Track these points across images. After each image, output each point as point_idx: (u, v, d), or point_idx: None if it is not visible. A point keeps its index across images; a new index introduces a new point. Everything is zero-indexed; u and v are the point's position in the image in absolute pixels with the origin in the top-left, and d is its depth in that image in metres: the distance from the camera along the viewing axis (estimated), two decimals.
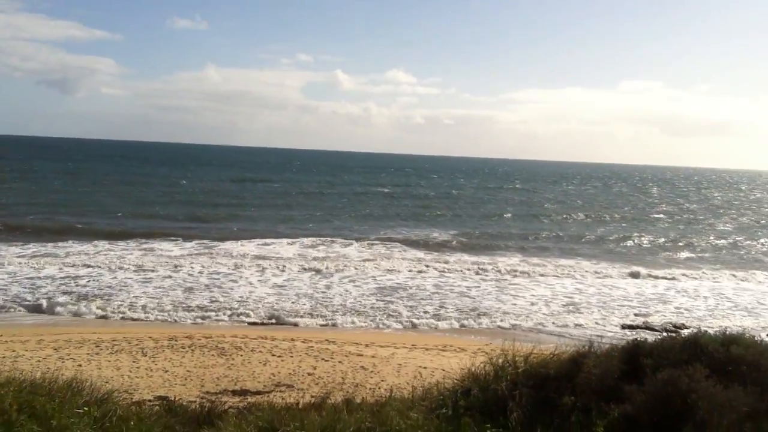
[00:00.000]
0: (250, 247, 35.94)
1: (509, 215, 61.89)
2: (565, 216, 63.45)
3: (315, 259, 32.95)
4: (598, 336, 20.05)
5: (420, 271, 30.88)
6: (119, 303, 22.85)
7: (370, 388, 13.95)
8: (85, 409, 6.69)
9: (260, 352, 17.05)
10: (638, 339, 7.05)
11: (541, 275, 31.62)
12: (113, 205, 53.42)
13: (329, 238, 40.38)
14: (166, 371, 15.10)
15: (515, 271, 32.03)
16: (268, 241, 38.74)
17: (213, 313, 22.14)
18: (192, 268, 29.06)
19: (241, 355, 16.62)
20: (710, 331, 6.85)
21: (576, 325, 22.86)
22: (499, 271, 31.55)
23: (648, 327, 22.33)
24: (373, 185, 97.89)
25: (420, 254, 36.35)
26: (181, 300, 23.61)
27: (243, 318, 21.89)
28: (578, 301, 26.34)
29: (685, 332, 7.91)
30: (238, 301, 23.69)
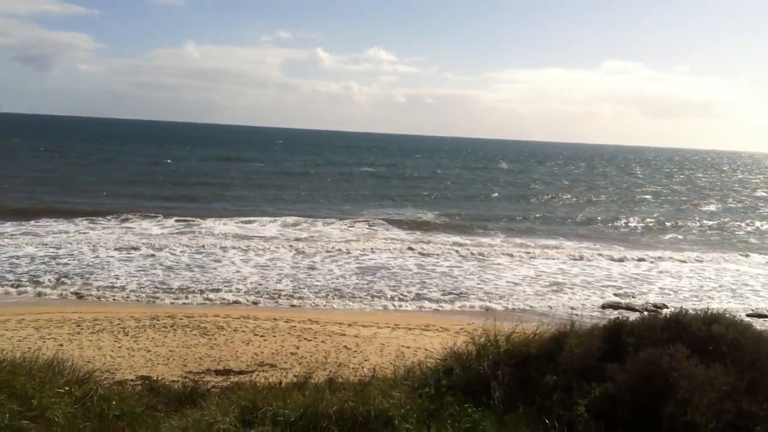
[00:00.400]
0: (231, 226, 35.76)
1: (496, 195, 62.02)
2: (551, 196, 63.59)
3: (298, 239, 32.85)
4: (579, 315, 20.18)
5: (402, 251, 30.86)
6: (100, 283, 22.69)
7: (353, 368, 13.98)
8: (66, 388, 6.65)
9: (243, 331, 17.03)
10: (620, 318, 7.08)
11: (528, 255, 31.74)
12: (95, 184, 53.01)
13: (315, 218, 40.27)
14: (148, 351, 15.05)
15: (499, 251, 32.11)
16: (252, 219, 38.64)
17: (193, 295, 21.98)
18: (174, 248, 28.87)
19: (224, 335, 16.60)
20: (691, 310, 6.88)
21: (559, 305, 22.96)
22: (482, 254, 31.53)
23: (629, 307, 22.49)
24: (357, 165, 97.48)
25: (404, 234, 36.31)
26: (161, 280, 23.48)
27: (224, 297, 21.80)
28: (561, 281, 26.45)
29: (666, 312, 7.95)
30: (222, 282, 23.58)
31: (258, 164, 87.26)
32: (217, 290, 22.41)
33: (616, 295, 24.66)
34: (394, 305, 22.03)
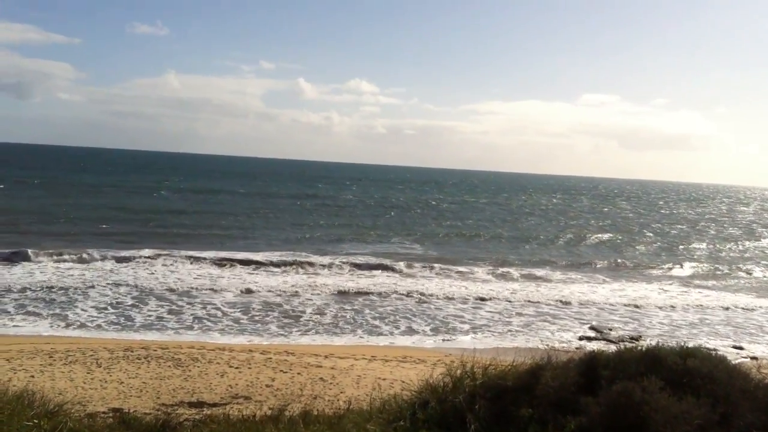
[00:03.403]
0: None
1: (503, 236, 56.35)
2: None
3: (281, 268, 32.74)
4: (555, 349, 20.22)
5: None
6: (75, 315, 22.45)
7: (328, 400, 13.87)
8: (35, 421, 6.52)
9: (217, 363, 16.85)
10: (595, 351, 7.10)
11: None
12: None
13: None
14: (121, 383, 14.84)
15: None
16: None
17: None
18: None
19: (198, 367, 16.41)
20: (667, 344, 6.93)
21: (538, 337, 23.02)
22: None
23: (605, 339, 22.58)
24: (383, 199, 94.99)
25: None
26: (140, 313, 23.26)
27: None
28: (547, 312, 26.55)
29: (641, 345, 8.00)
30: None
31: (283, 200, 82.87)
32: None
33: (589, 328, 24.75)
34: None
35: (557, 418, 5.75)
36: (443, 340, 22.11)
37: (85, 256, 32.33)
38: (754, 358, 19.98)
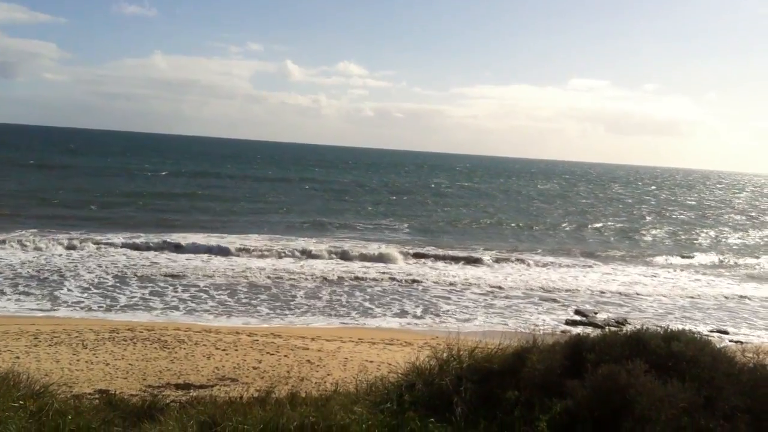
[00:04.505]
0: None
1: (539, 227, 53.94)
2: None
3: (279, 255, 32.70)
4: (541, 332, 20.28)
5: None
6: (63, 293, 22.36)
7: (315, 382, 13.88)
8: (21, 402, 6.50)
9: (204, 345, 16.84)
10: (581, 334, 7.13)
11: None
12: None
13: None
14: (107, 364, 14.81)
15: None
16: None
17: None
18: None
19: (185, 349, 16.39)
20: (652, 327, 6.96)
21: (522, 319, 23.12)
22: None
23: (591, 322, 22.71)
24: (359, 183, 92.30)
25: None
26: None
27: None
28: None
29: (626, 328, 8.04)
30: None
31: (274, 182, 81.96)
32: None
33: (574, 311, 24.86)
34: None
35: (543, 400, 5.78)
36: (431, 322, 22.17)
37: (76, 240, 31.97)
38: (738, 342, 20.13)
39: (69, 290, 23.01)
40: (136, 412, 8.63)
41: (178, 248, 31.93)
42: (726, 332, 22.82)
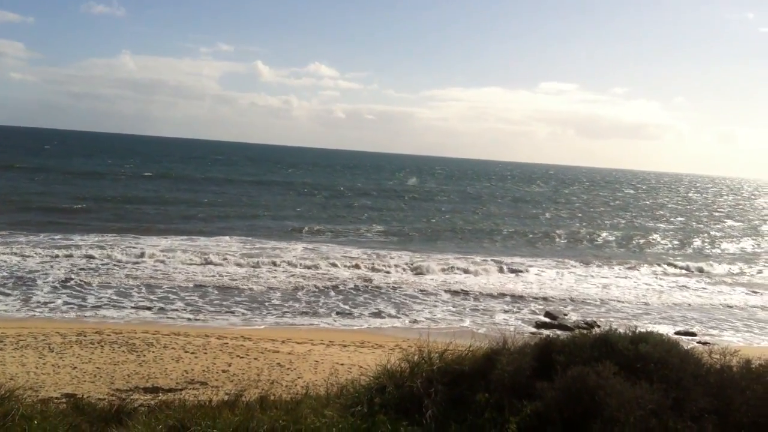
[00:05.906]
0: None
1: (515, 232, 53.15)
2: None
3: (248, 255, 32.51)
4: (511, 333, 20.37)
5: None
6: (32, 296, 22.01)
7: (286, 386, 13.83)
8: None
9: (173, 348, 16.68)
10: (551, 336, 7.16)
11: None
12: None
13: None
14: (75, 368, 14.61)
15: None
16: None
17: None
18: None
19: (153, 352, 16.22)
20: (620, 329, 7.01)
21: (491, 322, 23.20)
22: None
23: (561, 325, 22.85)
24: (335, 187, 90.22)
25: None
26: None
27: None
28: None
29: (595, 330, 8.10)
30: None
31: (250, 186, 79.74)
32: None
33: (545, 313, 25.03)
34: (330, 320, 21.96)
35: (513, 402, 5.79)
36: (401, 325, 22.18)
37: (42, 244, 31.50)
38: (705, 343, 20.38)
39: (37, 293, 22.64)
40: (103, 416, 8.51)
41: (142, 255, 31.36)
42: (693, 334, 23.11)
